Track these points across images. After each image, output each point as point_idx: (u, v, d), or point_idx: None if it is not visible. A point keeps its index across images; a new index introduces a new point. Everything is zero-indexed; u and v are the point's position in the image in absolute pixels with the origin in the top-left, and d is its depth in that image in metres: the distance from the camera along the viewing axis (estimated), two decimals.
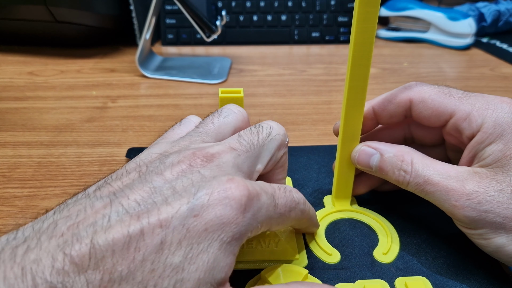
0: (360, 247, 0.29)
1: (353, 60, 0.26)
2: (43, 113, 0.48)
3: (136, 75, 0.59)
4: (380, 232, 0.31)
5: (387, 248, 0.29)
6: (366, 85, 0.28)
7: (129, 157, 0.40)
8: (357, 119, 0.29)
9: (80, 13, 0.60)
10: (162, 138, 0.26)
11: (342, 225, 0.31)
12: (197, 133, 0.25)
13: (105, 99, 0.52)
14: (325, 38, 0.74)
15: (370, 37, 0.26)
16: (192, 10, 0.53)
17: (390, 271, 0.27)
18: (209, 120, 0.26)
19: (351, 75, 0.27)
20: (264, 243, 0.28)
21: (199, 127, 0.25)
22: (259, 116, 0.48)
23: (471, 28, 0.70)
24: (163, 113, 0.49)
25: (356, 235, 0.30)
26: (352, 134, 0.30)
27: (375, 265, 0.28)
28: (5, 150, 0.41)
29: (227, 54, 0.69)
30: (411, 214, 0.32)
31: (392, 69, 0.63)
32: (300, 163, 0.39)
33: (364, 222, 0.32)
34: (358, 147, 0.30)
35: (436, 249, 0.29)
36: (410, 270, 0.27)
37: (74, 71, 0.61)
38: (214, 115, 0.26)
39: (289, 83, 0.58)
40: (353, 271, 0.27)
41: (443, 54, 0.70)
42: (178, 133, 0.26)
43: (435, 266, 0.28)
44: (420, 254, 0.29)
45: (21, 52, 0.67)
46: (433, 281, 0.26)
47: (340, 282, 0.26)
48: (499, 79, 0.59)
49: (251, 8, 0.72)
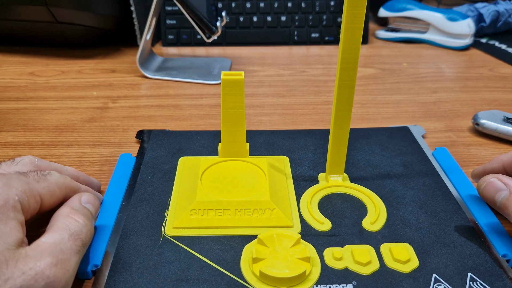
0: (350, 218, 0.32)
1: (344, 43, 0.29)
2: (44, 113, 0.49)
3: (137, 76, 0.60)
4: (369, 205, 0.34)
5: (375, 218, 0.32)
6: (356, 66, 0.30)
7: (139, 138, 0.42)
8: (348, 98, 0.32)
9: (81, 14, 0.60)
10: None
11: (334, 199, 0.34)
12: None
13: (106, 100, 0.52)
14: (324, 38, 0.74)
15: (359, 21, 0.28)
16: (192, 11, 0.54)
17: (376, 238, 0.30)
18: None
19: (342, 59, 0.30)
20: (262, 211, 0.31)
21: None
22: (259, 116, 0.49)
23: (470, 28, 0.70)
24: (164, 113, 0.49)
25: (346, 208, 0.33)
26: (343, 114, 0.33)
27: (363, 233, 0.31)
28: (6, 150, 0.41)
29: (227, 55, 0.69)
30: (399, 190, 0.35)
31: (391, 69, 0.64)
32: (297, 144, 0.41)
33: (354, 196, 0.35)
34: (487, 178, 0.30)
35: (420, 221, 0.32)
36: (395, 237, 0.30)
37: (75, 72, 0.61)
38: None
39: (289, 84, 0.58)
40: (342, 237, 0.30)
41: (442, 54, 0.70)
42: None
43: (418, 235, 0.30)
44: (405, 224, 0.32)
45: (22, 52, 0.68)
46: (416, 247, 0.29)
47: (330, 247, 0.29)
48: (498, 79, 0.60)
49: (251, 9, 0.72)
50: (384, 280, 0.27)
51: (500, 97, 0.54)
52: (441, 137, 0.44)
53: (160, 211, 0.32)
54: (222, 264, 0.28)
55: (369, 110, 0.50)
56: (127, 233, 0.30)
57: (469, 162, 0.40)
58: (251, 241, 0.30)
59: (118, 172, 0.37)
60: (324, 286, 0.26)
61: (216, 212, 0.31)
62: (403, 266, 0.28)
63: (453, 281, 0.27)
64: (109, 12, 0.63)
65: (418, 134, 0.43)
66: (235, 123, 0.35)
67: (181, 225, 0.31)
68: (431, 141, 0.44)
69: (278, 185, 0.35)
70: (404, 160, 0.39)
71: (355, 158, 0.39)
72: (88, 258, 0.28)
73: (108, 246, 0.29)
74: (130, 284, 0.26)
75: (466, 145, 0.43)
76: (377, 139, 0.42)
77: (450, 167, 0.38)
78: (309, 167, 0.38)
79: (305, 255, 0.27)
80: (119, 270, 0.27)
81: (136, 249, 0.29)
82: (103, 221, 0.31)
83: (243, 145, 0.36)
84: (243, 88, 0.33)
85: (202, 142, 0.41)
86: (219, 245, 0.29)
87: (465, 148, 0.42)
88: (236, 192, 0.33)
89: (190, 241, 0.30)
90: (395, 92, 0.56)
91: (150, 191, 0.34)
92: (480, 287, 0.27)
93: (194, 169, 0.35)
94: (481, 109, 0.49)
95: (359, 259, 0.28)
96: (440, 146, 0.41)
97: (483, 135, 0.45)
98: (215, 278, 0.27)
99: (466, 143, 0.44)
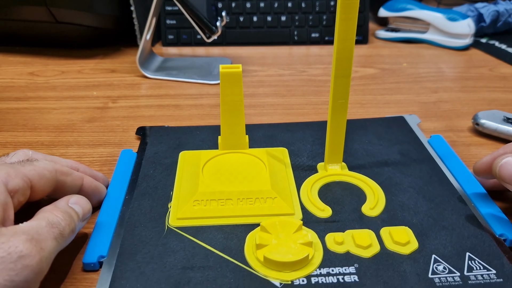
0: (350, 204, 0.33)
1: (338, 33, 0.30)
2: (44, 113, 0.49)
3: (137, 76, 0.60)
4: (368, 192, 0.34)
5: (374, 204, 0.33)
6: (352, 56, 0.31)
7: (139, 134, 0.43)
8: (345, 88, 0.32)
9: (81, 14, 0.60)
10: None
11: (333, 187, 0.35)
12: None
13: (106, 100, 0.52)
14: (324, 38, 0.74)
15: (353, 11, 0.29)
16: (192, 11, 0.54)
17: (376, 223, 0.31)
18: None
19: (338, 50, 0.31)
20: (263, 200, 0.32)
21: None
22: (259, 116, 0.49)
23: (470, 28, 0.70)
24: (164, 113, 0.49)
25: (346, 195, 0.34)
26: (340, 103, 0.33)
27: (363, 218, 0.31)
28: (7, 150, 0.41)
29: (227, 55, 0.69)
30: (397, 177, 0.36)
31: (391, 69, 0.64)
32: (296, 137, 0.42)
33: (353, 184, 0.35)
34: (500, 158, 0.30)
35: (418, 206, 0.33)
36: (394, 222, 0.31)
37: (75, 72, 0.61)
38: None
39: (289, 84, 0.58)
40: (343, 223, 0.31)
41: (442, 54, 0.70)
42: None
43: (417, 218, 0.31)
44: (403, 209, 0.32)
45: (22, 52, 0.68)
46: (415, 231, 0.30)
47: (331, 232, 0.30)
48: (498, 79, 0.60)
49: (251, 9, 0.72)
50: (385, 262, 0.28)
51: (500, 97, 0.54)
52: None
53: (163, 204, 0.33)
54: (226, 252, 0.28)
55: (369, 110, 0.50)
56: (132, 225, 0.31)
57: (469, 162, 0.40)
58: (253, 229, 0.30)
59: (120, 168, 0.37)
60: (326, 269, 0.27)
61: (219, 202, 0.32)
62: (403, 248, 0.29)
63: (452, 261, 0.28)
64: (109, 12, 0.63)
65: (413, 123, 0.44)
66: (234, 116, 0.35)
67: (184, 215, 0.31)
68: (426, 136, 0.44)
69: (278, 175, 0.35)
70: (401, 148, 0.40)
71: (352, 148, 0.40)
72: (95, 250, 0.28)
73: (114, 238, 0.30)
74: (137, 273, 0.27)
75: (466, 145, 0.43)
76: (374, 129, 0.43)
77: (445, 154, 0.39)
78: (308, 157, 0.39)
79: (307, 240, 0.28)
80: (125, 260, 0.28)
81: (141, 240, 0.29)
82: (107, 214, 0.32)
83: (243, 137, 0.37)
84: (241, 81, 0.34)
85: (201, 136, 0.42)
86: (223, 233, 0.30)
87: (465, 148, 0.42)
88: (238, 182, 0.33)
89: (194, 231, 0.30)
90: (395, 92, 0.56)
91: (152, 185, 0.35)
92: (479, 266, 0.27)
93: (195, 162, 0.36)
94: (481, 109, 0.49)
95: (360, 242, 0.29)
96: (436, 134, 0.42)
97: (483, 135, 0.45)
98: (220, 265, 0.27)
99: (466, 143, 0.44)
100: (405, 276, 0.27)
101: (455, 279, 0.26)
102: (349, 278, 0.27)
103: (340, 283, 0.26)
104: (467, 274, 0.27)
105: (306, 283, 0.26)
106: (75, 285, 0.27)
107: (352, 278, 0.27)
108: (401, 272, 0.27)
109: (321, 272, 0.27)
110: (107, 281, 0.26)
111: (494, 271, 0.27)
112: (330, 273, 0.27)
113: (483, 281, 0.26)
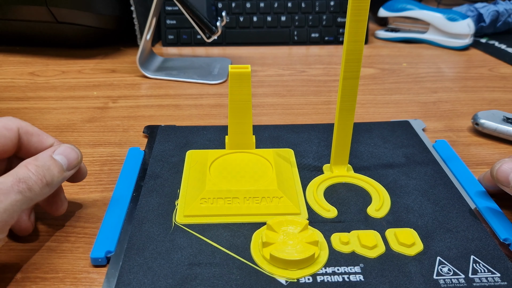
0: (355, 205, 0.33)
1: (348, 35, 0.30)
2: (44, 113, 0.49)
3: (137, 76, 0.60)
4: (373, 193, 0.34)
5: (379, 206, 0.33)
6: (361, 58, 0.31)
7: (146, 133, 0.43)
8: (353, 90, 0.33)
9: (81, 14, 0.60)
10: None
11: (339, 188, 0.35)
12: None
13: (106, 99, 0.53)
14: (324, 38, 0.74)
15: (363, 14, 0.29)
16: (192, 11, 0.54)
17: (382, 224, 0.31)
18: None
19: (347, 51, 0.31)
20: (269, 200, 0.32)
21: None
22: (259, 116, 0.49)
23: (469, 28, 0.70)
24: (164, 113, 0.49)
25: (351, 196, 0.34)
26: (348, 105, 0.34)
27: (368, 219, 0.32)
28: None
29: (227, 55, 0.69)
30: (402, 180, 0.36)
31: (391, 69, 0.64)
32: (302, 138, 0.43)
33: (359, 186, 0.35)
34: (500, 161, 0.31)
35: (423, 208, 0.33)
36: (399, 223, 0.31)
37: (75, 72, 0.61)
38: None
39: (289, 84, 0.58)
40: (348, 224, 0.31)
41: (441, 54, 0.70)
42: None
43: (422, 221, 0.31)
44: (408, 211, 0.32)
45: (22, 52, 0.68)
46: (420, 232, 0.30)
47: (337, 232, 0.30)
48: (498, 79, 0.60)
49: (251, 9, 0.72)
50: (390, 263, 0.28)
51: (500, 97, 0.54)
52: (441, 137, 0.44)
53: (170, 201, 0.33)
54: (232, 249, 0.29)
55: (369, 110, 0.51)
56: (139, 221, 0.31)
57: (469, 162, 0.40)
58: (260, 227, 0.31)
59: (127, 165, 0.37)
60: (332, 268, 0.27)
61: (225, 200, 0.32)
62: (408, 249, 0.29)
63: (457, 263, 0.28)
64: (109, 12, 0.63)
65: (418, 127, 0.44)
66: (242, 116, 0.36)
67: (191, 213, 0.32)
68: (431, 141, 0.44)
69: (284, 175, 0.35)
70: (406, 152, 0.40)
71: (358, 150, 0.40)
72: (102, 246, 0.28)
73: (121, 234, 0.30)
74: (145, 268, 0.27)
75: (465, 145, 0.43)
76: (379, 132, 0.43)
77: (450, 158, 0.39)
78: (313, 158, 0.39)
79: (313, 239, 0.28)
80: (133, 256, 0.28)
81: (148, 236, 0.30)
82: (115, 211, 0.32)
83: (250, 137, 0.37)
84: (250, 81, 0.34)
85: (208, 136, 0.43)
86: (229, 231, 0.30)
87: (465, 148, 0.43)
88: (244, 181, 0.34)
89: (201, 228, 0.31)
90: (395, 92, 0.56)
91: (160, 183, 0.35)
92: (483, 268, 0.28)
93: (202, 161, 0.36)
94: (480, 109, 0.50)
95: (365, 243, 0.29)
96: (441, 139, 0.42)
97: (483, 135, 0.45)
98: (227, 262, 0.28)
99: (465, 143, 0.44)
100: (410, 277, 0.27)
101: (460, 281, 0.27)
102: (354, 278, 0.27)
103: (346, 282, 0.26)
104: (472, 276, 0.27)
105: (311, 282, 0.26)
106: (82, 279, 0.27)
107: (358, 277, 0.27)
108: (406, 273, 0.27)
109: (327, 271, 0.27)
110: (114, 276, 0.27)
111: (498, 274, 0.27)
112: (335, 272, 0.27)
113: (487, 284, 0.26)
